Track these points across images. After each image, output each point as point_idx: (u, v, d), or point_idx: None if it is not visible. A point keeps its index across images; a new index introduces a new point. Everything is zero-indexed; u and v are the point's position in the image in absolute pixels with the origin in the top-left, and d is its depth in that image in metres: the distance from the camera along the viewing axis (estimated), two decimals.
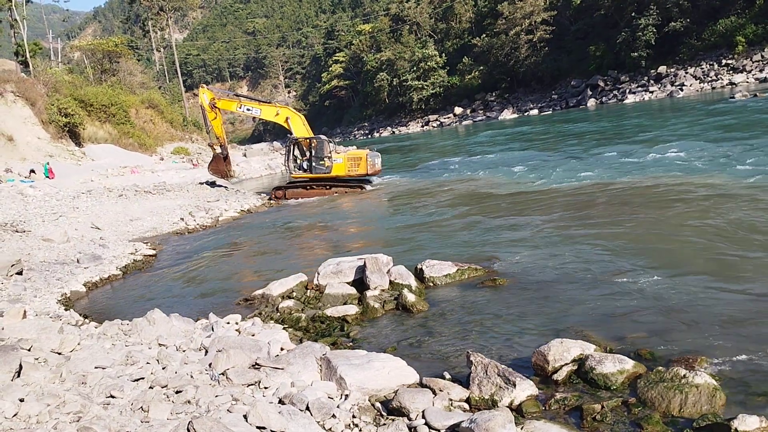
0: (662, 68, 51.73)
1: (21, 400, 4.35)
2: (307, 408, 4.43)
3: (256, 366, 5.26)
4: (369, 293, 7.65)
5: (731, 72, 45.18)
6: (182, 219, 17.32)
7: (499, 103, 71.32)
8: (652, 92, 48.73)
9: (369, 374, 4.96)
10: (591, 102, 55.06)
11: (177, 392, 4.72)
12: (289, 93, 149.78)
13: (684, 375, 4.31)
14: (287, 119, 22.28)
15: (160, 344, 6.20)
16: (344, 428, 4.30)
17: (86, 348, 5.96)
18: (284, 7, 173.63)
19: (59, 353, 5.71)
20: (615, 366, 4.65)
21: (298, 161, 22.40)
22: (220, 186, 25.08)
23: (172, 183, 25.85)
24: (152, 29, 75.26)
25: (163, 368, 5.37)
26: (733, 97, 32.28)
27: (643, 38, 52.13)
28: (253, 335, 6.37)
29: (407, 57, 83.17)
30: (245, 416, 4.16)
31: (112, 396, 4.64)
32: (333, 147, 22.42)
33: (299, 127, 22.19)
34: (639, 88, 51.49)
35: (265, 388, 4.92)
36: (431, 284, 8.03)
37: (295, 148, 22.58)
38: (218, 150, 24.22)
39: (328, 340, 6.36)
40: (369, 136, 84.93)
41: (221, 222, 17.58)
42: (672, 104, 39.11)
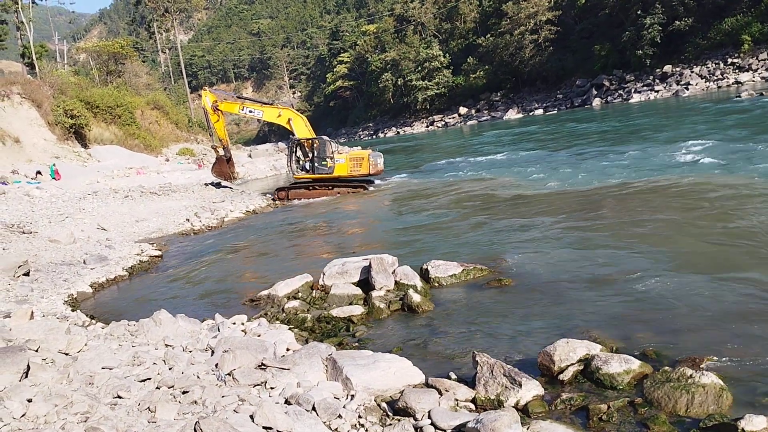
0: (668, 67, 51.48)
1: (29, 401, 4.38)
2: (314, 408, 4.44)
3: (263, 366, 5.27)
4: (374, 293, 7.65)
5: (737, 71, 44.93)
6: (188, 220, 17.37)
7: (504, 103, 71.14)
8: (658, 91, 48.51)
9: (375, 374, 4.96)
10: (596, 101, 54.87)
11: (184, 392, 4.73)
12: (294, 94, 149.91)
13: (690, 375, 4.30)
14: (289, 120, 22.31)
15: (167, 345, 6.21)
16: (350, 428, 4.31)
17: (93, 348, 5.99)
18: (289, 8, 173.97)
19: (66, 354, 5.74)
20: (621, 366, 4.64)
21: (301, 162, 22.45)
22: (226, 187, 25.11)
23: (178, 184, 25.88)
24: (157, 31, 75.62)
25: (170, 369, 5.39)
26: (740, 96, 32.12)
27: (649, 37, 51.94)
28: (259, 336, 6.38)
29: (412, 57, 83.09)
30: (252, 416, 4.18)
31: (119, 396, 4.66)
32: (335, 147, 22.42)
33: (301, 128, 22.24)
34: (644, 88, 51.26)
35: (272, 389, 4.93)
36: (437, 284, 8.02)
37: (298, 149, 22.64)
38: (221, 152, 24.27)
39: (334, 341, 6.36)
40: (374, 137, 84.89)
41: (227, 223, 17.62)
42: (678, 104, 38.96)
